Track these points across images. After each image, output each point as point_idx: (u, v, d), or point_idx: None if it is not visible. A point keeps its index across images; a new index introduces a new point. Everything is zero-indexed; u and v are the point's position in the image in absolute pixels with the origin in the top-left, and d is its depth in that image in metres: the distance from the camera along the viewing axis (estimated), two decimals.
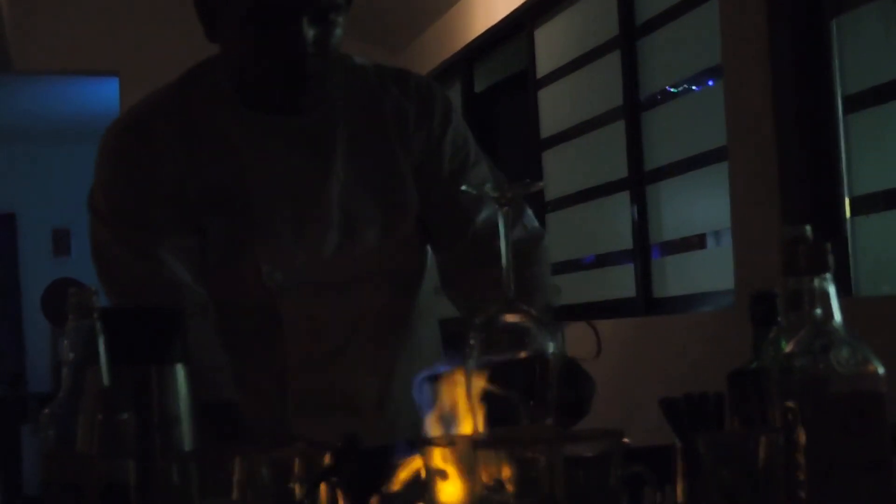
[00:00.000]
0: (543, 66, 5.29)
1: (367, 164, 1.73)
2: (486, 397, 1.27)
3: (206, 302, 1.68)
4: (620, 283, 4.67)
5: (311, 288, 1.73)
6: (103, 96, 6.61)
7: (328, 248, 1.72)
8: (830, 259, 1.11)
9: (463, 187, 1.32)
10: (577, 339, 1.45)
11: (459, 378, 1.26)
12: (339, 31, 1.65)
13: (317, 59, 1.62)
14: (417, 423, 1.28)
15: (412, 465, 1.22)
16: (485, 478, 1.06)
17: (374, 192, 1.68)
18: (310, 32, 1.60)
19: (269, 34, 1.60)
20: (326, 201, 1.71)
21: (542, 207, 5.19)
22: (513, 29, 5.40)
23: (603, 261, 4.96)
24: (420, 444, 1.11)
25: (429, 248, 1.85)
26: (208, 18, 1.66)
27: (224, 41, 1.67)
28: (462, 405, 1.23)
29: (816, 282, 1.11)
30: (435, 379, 1.26)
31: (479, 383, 1.21)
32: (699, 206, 4.26)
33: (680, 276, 4.42)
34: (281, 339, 1.72)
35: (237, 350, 1.68)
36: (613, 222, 4.69)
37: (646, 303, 4.47)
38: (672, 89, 4.42)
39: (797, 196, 3.42)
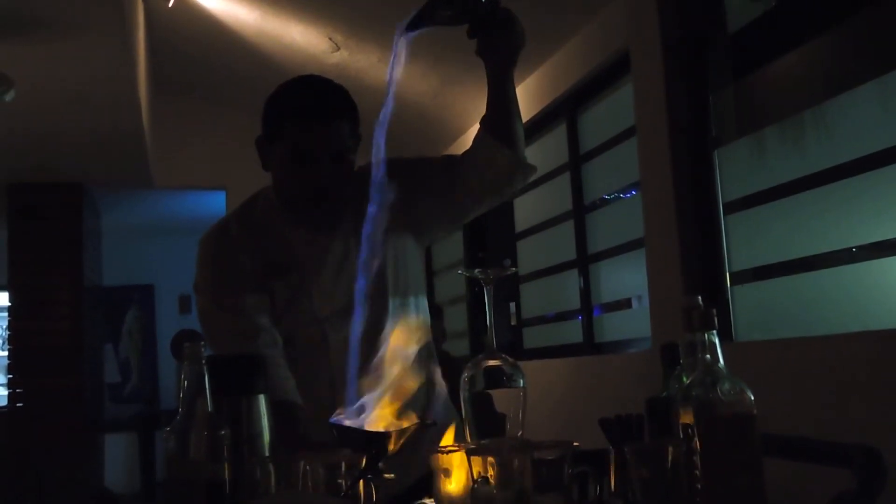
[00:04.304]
0: None
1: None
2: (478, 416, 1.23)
3: (277, 337, 1.68)
4: (572, 332, 4.64)
5: (346, 315, 1.70)
6: (215, 203, 6.64)
7: (352, 286, 1.71)
8: (715, 320, 1.10)
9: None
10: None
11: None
12: (350, 164, 1.69)
13: (333, 182, 1.66)
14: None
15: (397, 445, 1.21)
16: (475, 475, 1.04)
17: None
18: (329, 167, 1.65)
19: (302, 169, 1.66)
20: (346, 259, 1.72)
21: (518, 280, 5.18)
22: None
23: (560, 316, 4.93)
24: (428, 452, 1.09)
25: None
26: (264, 159, 1.74)
27: (274, 171, 1.73)
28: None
29: (706, 336, 1.10)
30: None
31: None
32: (626, 278, 4.24)
33: (613, 328, 4.39)
34: (328, 355, 1.69)
35: (298, 367, 1.66)
36: (567, 289, 4.67)
37: (590, 346, 4.43)
38: (606, 196, 4.43)
39: (693, 272, 3.41)
